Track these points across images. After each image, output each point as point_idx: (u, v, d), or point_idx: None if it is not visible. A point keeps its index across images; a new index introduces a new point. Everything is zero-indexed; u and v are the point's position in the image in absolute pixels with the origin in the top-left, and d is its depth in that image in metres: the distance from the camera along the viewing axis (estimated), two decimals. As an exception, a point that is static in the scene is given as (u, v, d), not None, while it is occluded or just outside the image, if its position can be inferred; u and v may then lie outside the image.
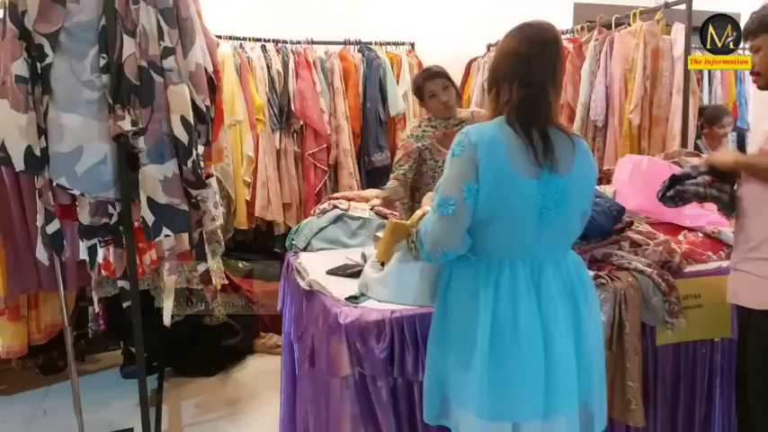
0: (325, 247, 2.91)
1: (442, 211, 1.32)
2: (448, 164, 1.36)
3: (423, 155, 2.54)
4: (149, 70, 1.76)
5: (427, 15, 4.41)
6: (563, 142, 1.35)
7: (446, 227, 1.32)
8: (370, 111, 4.00)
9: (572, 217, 1.40)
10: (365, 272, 1.64)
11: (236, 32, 3.75)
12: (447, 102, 2.47)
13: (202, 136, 1.92)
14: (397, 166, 2.58)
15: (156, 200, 1.79)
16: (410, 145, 2.55)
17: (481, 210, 1.31)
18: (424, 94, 2.49)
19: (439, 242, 1.34)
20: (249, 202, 3.77)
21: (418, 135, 2.55)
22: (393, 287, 1.57)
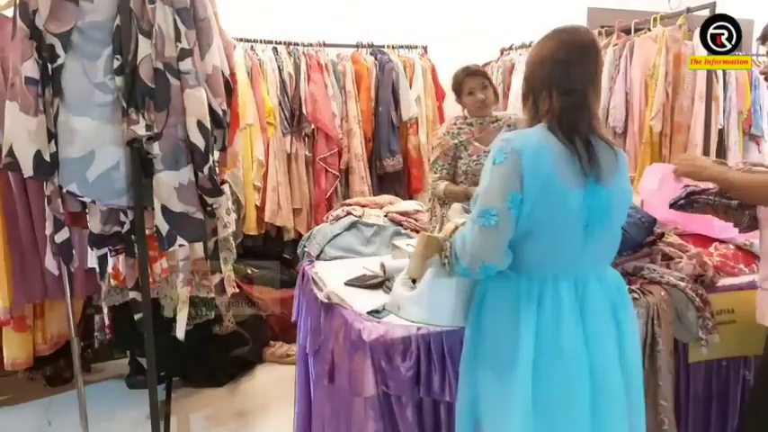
0: (338, 255, 2.84)
1: (483, 222, 1.24)
2: (487, 173, 1.28)
3: (458, 151, 2.49)
4: (165, 72, 1.69)
5: (440, 19, 4.34)
6: (606, 152, 1.28)
7: (488, 239, 1.24)
8: (382, 115, 3.93)
9: (615, 230, 1.33)
10: (396, 290, 1.55)
11: (246, 34, 3.68)
12: (484, 100, 2.43)
13: (218, 141, 1.85)
14: (437, 167, 2.53)
15: (171, 208, 1.71)
16: (447, 143, 2.50)
17: (524, 221, 1.24)
18: (463, 91, 2.45)
19: (479, 256, 1.26)
20: (259, 207, 3.70)
21: (454, 132, 2.51)
22: (427, 307, 1.48)
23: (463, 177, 2.51)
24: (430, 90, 4.15)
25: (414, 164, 4.07)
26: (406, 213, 3.16)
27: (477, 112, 2.48)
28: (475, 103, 2.43)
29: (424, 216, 3.20)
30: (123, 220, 1.76)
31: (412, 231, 3.10)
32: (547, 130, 1.25)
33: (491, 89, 2.46)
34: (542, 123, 1.27)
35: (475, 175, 2.49)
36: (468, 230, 1.29)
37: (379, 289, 1.99)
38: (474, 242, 1.26)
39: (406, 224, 3.09)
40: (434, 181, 2.54)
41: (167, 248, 1.72)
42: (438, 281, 1.45)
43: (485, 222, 1.24)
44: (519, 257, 1.29)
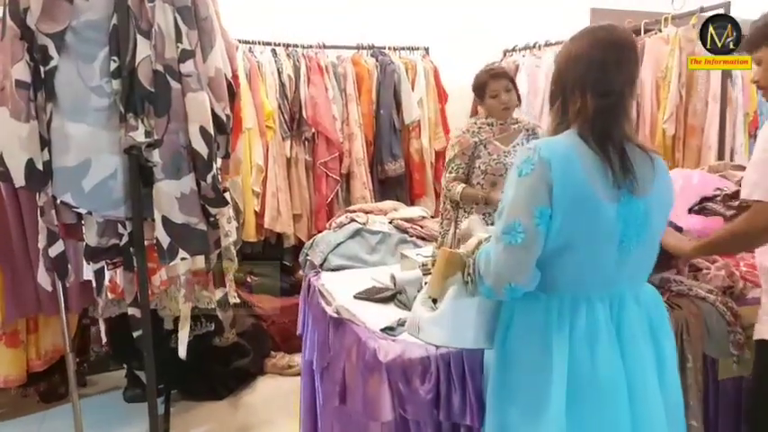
0: (343, 264, 2.74)
1: (508, 239, 1.14)
2: (512, 185, 1.18)
3: (477, 150, 2.40)
4: (165, 75, 1.59)
5: (442, 20, 4.27)
6: (642, 160, 1.19)
7: (513, 258, 1.15)
8: (383, 118, 3.84)
9: (653, 244, 1.24)
10: (416, 311, 1.45)
11: (245, 36, 3.58)
12: (508, 103, 2.36)
13: (221, 148, 1.75)
14: (454, 166, 2.44)
15: (172, 219, 1.61)
16: (466, 140, 2.41)
17: (554, 238, 1.14)
18: (486, 93, 2.37)
19: (504, 276, 1.16)
20: (258, 213, 3.60)
21: (474, 131, 2.42)
22: (450, 328, 1.37)
23: (481, 177, 2.43)
24: (432, 92, 4.06)
25: (416, 168, 3.98)
26: (412, 220, 3.07)
27: (499, 115, 2.40)
28: (499, 105, 2.36)
29: (429, 222, 3.11)
30: (121, 232, 1.65)
31: (418, 239, 3.01)
32: (577, 137, 1.16)
33: (514, 92, 2.39)
34: (572, 129, 1.18)
35: (494, 175, 2.42)
36: (493, 248, 1.19)
37: (391, 302, 1.89)
38: (498, 261, 1.16)
39: (412, 231, 3.00)
40: (449, 181, 2.45)
41: (168, 262, 1.62)
42: (461, 301, 1.35)
43: (510, 240, 1.14)
44: (548, 277, 1.20)
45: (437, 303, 1.43)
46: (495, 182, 2.44)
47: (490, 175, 2.43)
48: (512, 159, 2.44)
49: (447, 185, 2.47)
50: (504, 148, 2.45)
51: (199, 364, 2.84)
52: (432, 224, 3.07)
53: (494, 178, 2.43)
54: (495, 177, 2.43)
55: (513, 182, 1.18)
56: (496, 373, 1.28)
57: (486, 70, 2.43)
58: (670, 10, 4.48)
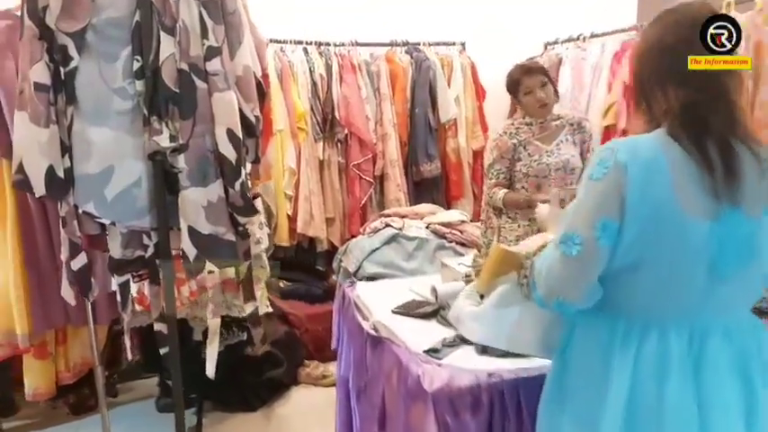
0: (378, 272, 2.60)
1: (564, 249, 1.00)
2: (582, 187, 1.03)
3: (516, 152, 2.24)
4: (191, 74, 1.48)
5: (478, 13, 4.08)
6: (750, 164, 0.98)
7: (567, 270, 1.01)
8: (419, 117, 3.69)
9: (758, 271, 1.03)
10: (459, 302, 1.35)
11: (276, 35, 3.48)
12: (544, 99, 2.20)
13: (251, 152, 1.64)
14: (494, 171, 2.29)
15: (198, 229, 1.50)
16: (504, 143, 2.26)
17: (624, 254, 0.99)
18: (520, 91, 2.22)
19: (555, 289, 1.03)
20: (291, 217, 3.50)
21: (512, 132, 2.26)
22: (489, 327, 1.25)
23: (524, 181, 2.27)
24: (470, 89, 3.89)
25: (453, 169, 3.82)
26: (450, 224, 2.91)
27: (537, 112, 2.23)
28: (535, 102, 2.19)
29: (469, 227, 2.94)
30: (146, 243, 1.55)
31: (457, 244, 2.85)
32: (666, 136, 0.99)
33: (551, 87, 2.23)
34: (661, 128, 1.01)
35: (537, 177, 2.25)
36: (550, 254, 1.05)
37: (433, 318, 1.75)
38: (551, 271, 1.03)
39: (451, 236, 2.84)
40: (490, 188, 2.29)
41: (195, 275, 1.51)
42: (507, 300, 1.21)
43: (566, 251, 1.00)
44: (615, 296, 1.04)
45: (483, 299, 1.30)
46: (539, 184, 2.27)
47: (533, 178, 2.26)
48: (556, 159, 2.27)
49: (488, 192, 2.32)
50: (547, 147, 2.28)
51: (231, 375, 2.75)
52: (471, 229, 2.90)
53: (537, 181, 2.26)
54: (539, 180, 2.26)
55: (584, 185, 1.02)
56: (552, 387, 1.15)
57: (518, 66, 2.28)
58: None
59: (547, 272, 1.03)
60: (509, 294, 1.22)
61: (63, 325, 2.05)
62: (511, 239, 2.33)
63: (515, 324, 1.19)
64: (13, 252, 1.88)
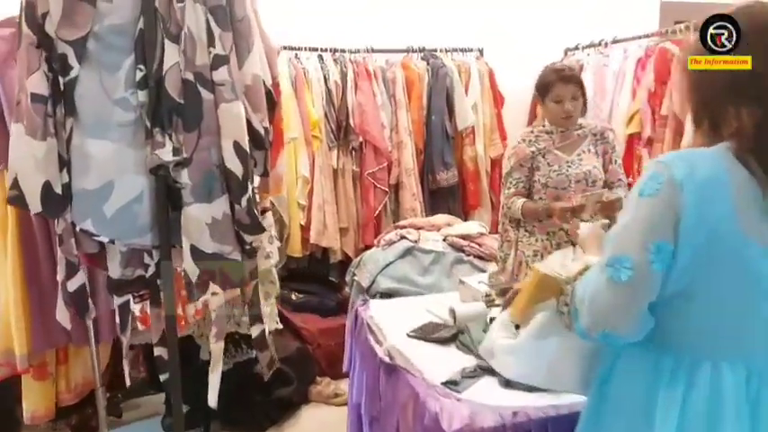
0: (392, 288, 2.51)
1: (612, 274, 0.90)
2: (632, 205, 0.92)
3: (535, 161, 2.13)
4: (196, 84, 1.39)
5: (496, 18, 3.97)
6: None
7: (616, 297, 0.90)
8: (435, 124, 3.60)
9: None
10: (492, 333, 1.24)
11: (290, 42, 3.41)
12: (571, 112, 2.10)
13: (259, 165, 1.55)
14: (512, 180, 2.18)
15: (202, 248, 1.41)
16: (522, 150, 2.15)
17: (675, 280, 0.89)
18: (549, 96, 2.10)
19: (601, 318, 0.92)
20: (304, 227, 3.41)
21: (531, 140, 2.15)
22: (525, 362, 1.14)
23: (543, 192, 2.15)
24: (488, 96, 3.79)
25: (470, 177, 3.71)
26: (469, 237, 2.81)
27: (559, 122, 2.12)
28: (560, 113, 2.08)
29: (488, 240, 2.83)
30: (147, 262, 1.47)
31: (475, 258, 2.74)
32: (729, 153, 0.88)
33: (582, 100, 2.12)
34: (724, 144, 0.90)
35: (556, 188, 2.13)
36: (594, 279, 0.94)
37: (451, 344, 1.64)
38: (597, 297, 0.92)
39: (469, 249, 2.74)
40: (508, 197, 2.17)
41: (197, 298, 1.42)
42: (546, 331, 1.10)
43: (615, 275, 0.90)
44: (664, 327, 0.93)
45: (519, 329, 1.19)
46: (558, 196, 2.14)
47: (552, 189, 2.14)
48: (576, 170, 2.15)
49: (506, 202, 2.20)
50: (567, 157, 2.17)
51: (239, 394, 2.66)
52: (490, 241, 2.79)
53: (556, 192, 2.14)
54: (558, 191, 2.14)
55: (633, 202, 0.92)
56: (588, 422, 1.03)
57: (554, 69, 2.15)
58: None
59: (591, 299, 0.93)
60: (548, 324, 1.10)
61: (64, 344, 1.97)
62: (528, 254, 2.21)
63: (555, 358, 1.08)
64: (14, 268, 1.82)
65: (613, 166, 2.27)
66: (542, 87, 2.12)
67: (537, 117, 4.06)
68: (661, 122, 3.12)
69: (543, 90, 2.11)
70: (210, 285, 1.43)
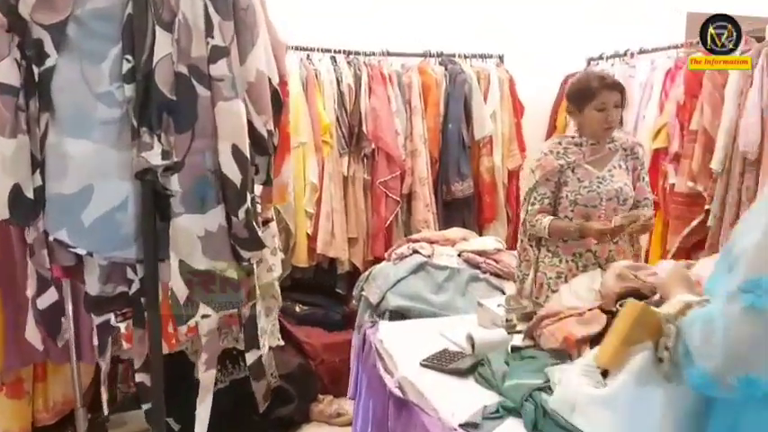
0: (403, 306, 2.32)
1: (752, 301, 0.74)
2: (764, 214, 0.76)
3: (563, 175, 1.95)
4: (191, 79, 1.23)
5: (517, 24, 3.82)
6: None
7: (760, 330, 0.74)
8: (452, 133, 3.43)
9: None
10: (573, 381, 1.03)
11: (302, 42, 3.27)
12: (613, 123, 1.95)
13: (261, 172, 1.38)
14: (537, 196, 2.00)
15: (193, 265, 1.25)
16: (550, 163, 1.97)
17: None
18: (591, 103, 1.94)
19: (742, 359, 0.74)
20: (310, 236, 3.24)
21: (559, 152, 1.98)
22: (628, 417, 0.94)
23: (570, 209, 1.97)
24: (507, 105, 3.62)
25: (486, 189, 3.54)
26: (485, 253, 2.63)
27: (598, 133, 1.96)
28: (603, 122, 1.92)
29: (505, 256, 2.64)
30: (131, 277, 1.30)
31: (492, 275, 2.55)
32: None
33: (621, 111, 1.96)
34: None
35: (586, 206, 1.95)
36: (718, 313, 0.77)
37: (470, 376, 1.46)
38: (731, 332, 0.74)
39: (485, 266, 2.56)
40: (532, 215, 1.99)
41: (185, 322, 1.26)
42: (646, 380, 0.90)
43: (755, 302, 0.73)
44: None
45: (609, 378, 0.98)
46: (587, 215, 1.97)
47: (581, 207, 1.97)
48: (608, 187, 1.98)
49: (529, 220, 2.01)
50: (598, 173, 1.99)
51: (236, 413, 2.49)
52: (508, 258, 2.61)
53: (586, 210, 1.97)
54: (588, 209, 1.96)
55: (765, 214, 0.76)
56: None
57: (597, 75, 2.01)
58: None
59: (724, 335, 0.74)
60: (648, 373, 0.90)
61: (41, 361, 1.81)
62: (551, 276, 2.03)
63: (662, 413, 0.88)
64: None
65: (641, 183, 2.12)
66: (582, 94, 1.95)
67: (556, 129, 3.90)
68: (690, 138, 2.94)
69: (584, 97, 1.94)
70: (201, 306, 1.26)
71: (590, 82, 1.97)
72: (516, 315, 1.77)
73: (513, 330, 1.70)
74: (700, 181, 2.85)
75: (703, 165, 2.84)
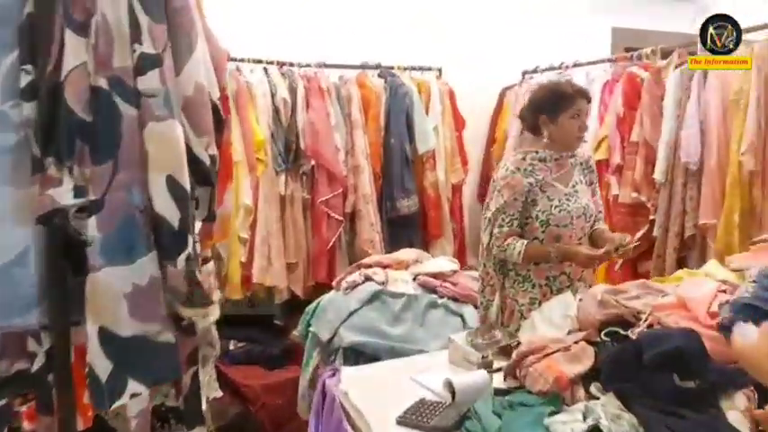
0: (359, 342, 2.11)
1: None
2: None
3: (531, 194, 1.83)
4: (111, 94, 0.97)
5: (455, 38, 3.78)
6: None
7: None
8: (394, 147, 3.28)
9: None
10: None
11: (232, 52, 2.98)
12: (585, 130, 1.92)
13: (202, 206, 1.14)
14: (505, 218, 1.86)
15: (117, 331, 0.98)
16: (519, 182, 1.85)
17: None
18: (567, 110, 1.86)
19: None
20: (244, 264, 2.96)
21: (527, 169, 1.85)
22: None
23: (541, 230, 1.86)
24: (448, 118, 3.53)
25: (432, 205, 3.42)
26: (441, 275, 2.47)
27: (571, 142, 1.89)
28: (576, 130, 1.84)
29: (462, 278, 2.50)
30: (33, 350, 1.01)
31: (450, 299, 2.40)
32: None
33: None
34: None
35: (557, 226, 1.85)
36: None
37: (456, 432, 1.28)
38: None
39: (442, 290, 2.40)
40: (501, 238, 1.85)
41: (109, 406, 0.98)
42: None
43: None
44: None
45: None
46: (559, 235, 1.87)
47: (554, 227, 1.86)
48: (576, 204, 1.89)
49: (498, 244, 1.87)
50: (565, 189, 1.90)
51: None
52: (465, 280, 2.47)
53: (558, 231, 1.87)
54: (560, 229, 1.86)
55: None
56: None
57: (567, 83, 1.96)
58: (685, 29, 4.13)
59: None
60: None
61: None
62: (523, 303, 1.91)
63: None
64: None
65: (596, 197, 2.06)
66: (558, 101, 1.86)
67: (496, 142, 3.86)
68: (631, 149, 2.98)
69: (560, 104, 1.85)
70: (129, 382, 1.00)
71: (564, 89, 1.89)
72: (491, 350, 1.61)
73: (490, 369, 1.54)
74: (643, 191, 2.87)
75: (645, 175, 2.87)
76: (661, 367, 1.07)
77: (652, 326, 1.28)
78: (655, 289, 1.44)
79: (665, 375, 1.07)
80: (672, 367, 1.07)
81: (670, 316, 1.25)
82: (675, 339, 1.08)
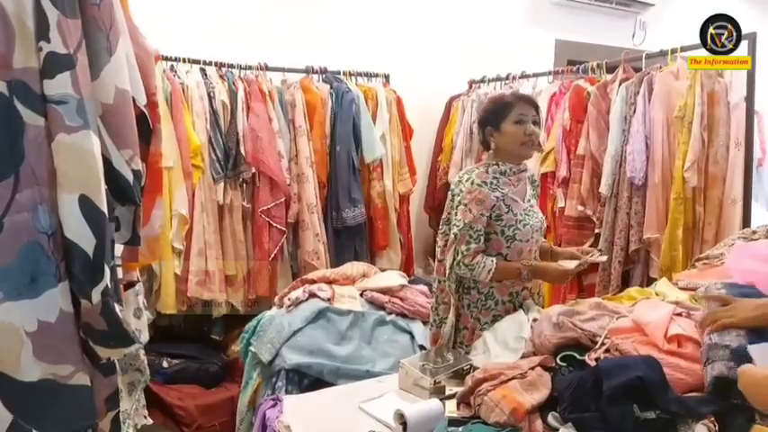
0: (303, 363, 1.99)
1: None
2: None
3: (496, 208, 1.77)
4: (12, 99, 0.83)
5: (402, 45, 3.74)
6: None
7: None
8: (340, 155, 3.17)
9: None
10: None
11: (166, 51, 2.81)
12: (532, 134, 1.81)
13: (124, 228, 1.00)
14: (473, 234, 1.77)
15: (18, 377, 0.83)
16: (487, 197, 1.78)
17: None
18: (508, 116, 1.81)
19: None
20: (179, 277, 2.77)
21: (491, 182, 1.78)
22: None
23: (507, 246, 1.80)
24: (396, 126, 3.45)
25: (379, 215, 3.34)
26: (390, 291, 2.39)
27: (518, 150, 1.82)
28: (523, 136, 1.80)
29: (411, 293, 2.42)
30: None
31: (399, 316, 2.32)
32: None
33: (540, 131, 1.85)
34: None
35: (521, 241, 1.80)
36: None
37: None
38: None
39: (391, 307, 2.31)
40: (468, 256, 1.75)
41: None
42: None
43: None
44: None
45: None
46: (521, 250, 1.82)
47: (519, 242, 1.81)
48: (534, 219, 1.86)
49: (465, 262, 1.76)
50: (523, 204, 1.87)
51: None
52: (413, 294, 2.39)
53: (521, 246, 1.82)
54: (522, 245, 1.82)
55: None
56: None
57: (509, 92, 1.90)
58: (631, 45, 4.28)
59: None
60: None
61: None
62: (485, 321, 1.84)
63: None
64: None
65: None
66: (497, 111, 1.82)
67: (443, 151, 3.82)
68: (577, 162, 3.00)
69: (499, 113, 1.81)
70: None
71: (504, 97, 1.87)
72: (444, 375, 1.54)
73: (443, 395, 1.46)
74: (589, 205, 2.89)
75: (591, 189, 2.89)
76: (621, 398, 1.03)
77: (609, 350, 1.24)
78: (609, 309, 1.41)
79: (626, 406, 1.03)
80: (632, 398, 1.03)
81: (627, 340, 1.21)
82: (636, 368, 1.04)
